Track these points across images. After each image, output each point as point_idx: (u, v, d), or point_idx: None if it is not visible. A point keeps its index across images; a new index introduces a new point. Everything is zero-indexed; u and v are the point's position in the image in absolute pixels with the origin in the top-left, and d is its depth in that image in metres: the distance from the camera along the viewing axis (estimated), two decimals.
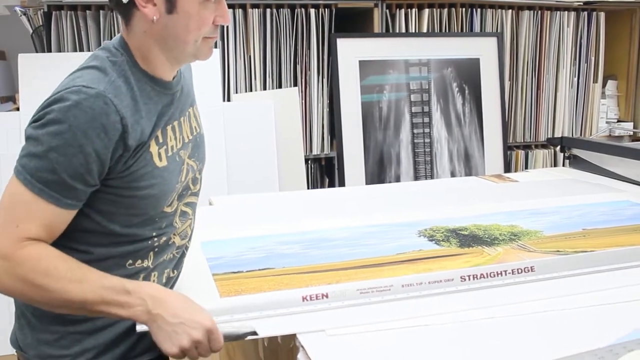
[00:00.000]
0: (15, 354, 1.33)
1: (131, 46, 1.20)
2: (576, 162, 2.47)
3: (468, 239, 1.61)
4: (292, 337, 1.09)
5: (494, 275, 1.28)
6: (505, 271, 1.29)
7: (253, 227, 1.76)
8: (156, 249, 1.26)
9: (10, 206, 1.11)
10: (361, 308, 1.19)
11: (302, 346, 1.04)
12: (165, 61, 1.22)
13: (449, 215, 1.83)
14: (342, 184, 3.13)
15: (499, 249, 1.53)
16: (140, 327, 1.10)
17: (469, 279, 1.27)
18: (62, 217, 1.12)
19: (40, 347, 1.24)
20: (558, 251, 1.49)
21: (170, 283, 1.33)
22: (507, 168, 3.43)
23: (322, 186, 3.25)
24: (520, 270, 1.30)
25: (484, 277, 1.28)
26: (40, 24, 2.93)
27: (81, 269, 1.11)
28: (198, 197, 1.39)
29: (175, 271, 1.34)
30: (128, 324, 1.23)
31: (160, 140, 1.21)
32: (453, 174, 3.32)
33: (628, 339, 1.01)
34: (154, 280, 1.28)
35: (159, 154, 1.21)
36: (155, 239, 1.25)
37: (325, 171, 3.29)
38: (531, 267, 1.31)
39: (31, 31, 3.00)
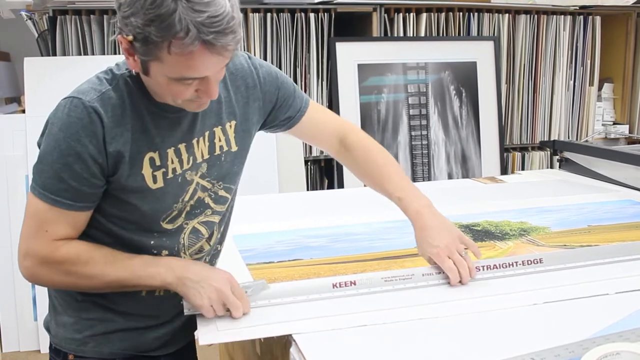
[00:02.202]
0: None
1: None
2: (568, 165, 2.53)
3: (481, 234, 1.71)
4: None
5: (506, 267, 1.38)
6: (516, 262, 1.38)
7: (278, 222, 1.86)
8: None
9: (34, 217, 1.21)
10: (386, 294, 1.29)
11: (294, 340, 1.10)
12: None
13: (462, 212, 1.93)
14: (341, 185, 3.19)
15: (510, 243, 1.63)
16: (187, 311, 1.20)
17: (483, 270, 1.36)
18: (81, 217, 1.22)
19: (59, 329, 1.34)
20: (564, 245, 1.59)
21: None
22: (504, 170, 3.49)
23: (322, 188, 3.30)
24: (529, 262, 1.39)
25: (496, 267, 1.37)
26: (46, 28, 2.99)
27: (112, 253, 1.23)
28: (224, 216, 1.39)
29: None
30: (139, 324, 1.32)
31: (157, 163, 1.23)
32: (450, 176, 3.38)
33: (602, 334, 1.07)
34: (159, 292, 1.32)
35: (154, 176, 1.23)
36: (154, 250, 1.28)
37: (324, 173, 3.35)
38: (539, 259, 1.40)
39: (36, 35, 3.06)
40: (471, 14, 3.42)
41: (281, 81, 1.41)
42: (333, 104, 3.19)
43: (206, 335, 1.14)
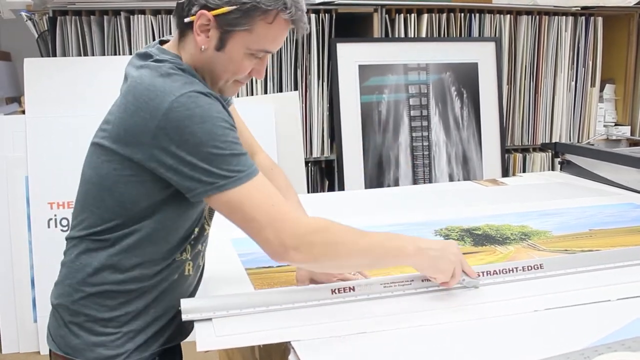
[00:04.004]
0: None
1: (184, 60, 1.26)
2: (569, 167, 2.52)
3: (481, 238, 1.70)
4: None
5: (506, 272, 1.37)
6: (516, 268, 1.37)
7: None
8: (192, 241, 1.32)
9: (260, 203, 1.18)
10: (385, 300, 1.29)
11: (292, 347, 1.09)
12: None
13: (462, 215, 1.92)
14: (341, 186, 3.18)
15: (511, 248, 1.62)
16: (185, 316, 1.20)
17: (483, 275, 1.35)
18: (267, 180, 1.22)
19: (90, 351, 1.30)
20: (566, 250, 1.58)
21: (198, 272, 1.41)
22: (505, 171, 3.48)
23: (322, 189, 3.30)
24: (530, 268, 1.38)
25: (496, 273, 1.36)
26: (46, 28, 2.98)
27: (353, 227, 1.26)
28: None
29: (202, 260, 1.42)
30: (171, 314, 1.32)
31: None
32: (451, 177, 3.37)
33: (604, 342, 1.06)
34: (189, 270, 1.35)
35: None
36: (195, 230, 1.32)
37: (325, 174, 3.34)
38: (540, 265, 1.39)
39: (37, 36, 3.06)
40: (472, 14, 3.41)
41: None
42: (334, 104, 3.18)
43: (204, 342, 1.13)
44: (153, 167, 1.19)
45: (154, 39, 2.34)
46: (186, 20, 1.24)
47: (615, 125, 3.87)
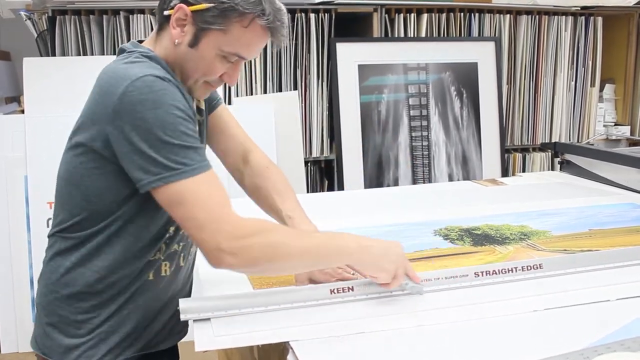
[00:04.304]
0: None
1: (157, 53, 1.27)
2: (569, 167, 2.52)
3: (481, 238, 1.70)
4: None
5: (505, 272, 1.36)
6: (516, 268, 1.37)
7: None
8: (167, 241, 1.31)
9: (201, 199, 1.14)
10: (384, 300, 1.28)
11: (291, 348, 1.09)
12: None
13: (462, 215, 1.92)
14: (341, 186, 3.18)
15: (510, 248, 1.62)
16: (184, 316, 1.19)
17: (483, 275, 1.35)
18: (217, 176, 1.19)
19: (68, 354, 1.29)
20: (565, 250, 1.58)
21: (181, 273, 1.39)
22: (505, 171, 3.48)
23: (322, 188, 3.30)
24: (529, 268, 1.38)
25: (496, 273, 1.36)
26: (45, 28, 2.98)
27: (287, 227, 1.29)
28: None
29: (185, 261, 1.39)
30: (149, 315, 1.31)
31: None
32: (451, 177, 3.37)
33: (604, 342, 1.05)
34: (165, 271, 1.33)
35: None
36: (167, 235, 1.30)
37: (324, 173, 3.34)
38: (539, 265, 1.39)
39: (36, 35, 3.05)
40: (472, 14, 3.40)
41: None
42: (333, 104, 3.18)
43: (203, 342, 1.13)
44: (111, 156, 1.18)
45: None
46: (165, 12, 1.24)
47: (615, 125, 3.87)
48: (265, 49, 3.07)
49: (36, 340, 1.34)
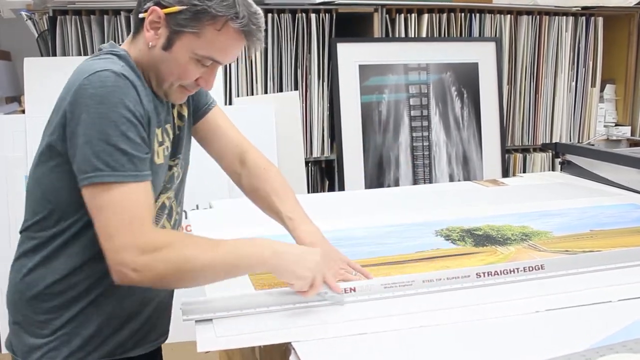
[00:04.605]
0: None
1: (132, 55, 1.27)
2: (569, 167, 2.52)
3: (482, 239, 1.70)
4: None
5: (507, 273, 1.37)
6: (518, 269, 1.37)
7: (278, 226, 1.84)
8: None
9: (113, 207, 1.12)
10: (385, 301, 1.28)
11: (293, 348, 1.09)
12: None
13: (463, 216, 1.92)
14: (341, 186, 3.18)
15: (511, 249, 1.62)
16: (186, 317, 1.19)
17: (484, 276, 1.35)
18: (148, 189, 1.17)
19: (32, 354, 1.28)
20: (567, 251, 1.58)
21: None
22: (505, 171, 3.47)
23: (322, 189, 3.29)
24: (531, 268, 1.38)
25: (497, 274, 1.36)
26: (46, 28, 2.98)
27: (201, 238, 1.22)
28: (178, 192, 1.44)
29: None
30: (115, 322, 1.30)
31: (160, 139, 1.28)
32: (451, 178, 3.37)
33: (606, 343, 1.05)
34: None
35: (158, 152, 1.27)
36: None
37: (325, 174, 3.34)
38: (541, 266, 1.39)
39: (36, 35, 3.05)
40: (473, 14, 3.40)
41: None
42: (334, 104, 3.18)
43: (205, 342, 1.13)
44: (65, 152, 1.17)
45: None
46: (140, 15, 1.24)
47: (616, 125, 3.86)
48: (265, 48, 3.07)
49: (10, 340, 1.34)
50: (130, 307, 1.34)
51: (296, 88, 3.14)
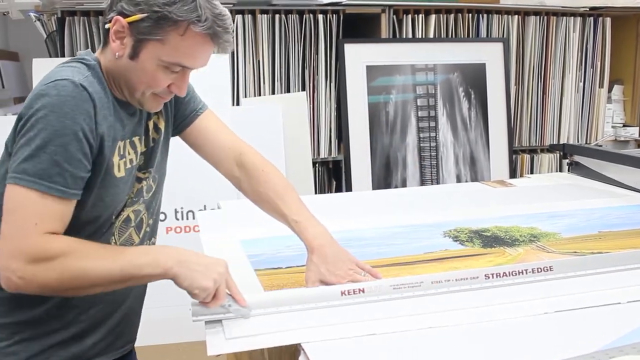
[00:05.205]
0: None
1: (103, 64, 1.26)
2: (578, 168, 2.51)
3: (490, 240, 1.70)
4: None
5: (516, 274, 1.36)
6: (526, 270, 1.37)
7: (282, 226, 1.84)
8: None
9: (20, 210, 1.12)
10: (394, 302, 1.28)
11: (302, 349, 1.09)
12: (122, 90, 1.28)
13: (471, 217, 1.92)
14: (349, 187, 3.18)
15: (520, 250, 1.61)
16: (195, 318, 1.18)
17: (493, 277, 1.35)
18: (70, 208, 1.16)
19: None
20: (575, 252, 1.58)
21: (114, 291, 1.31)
22: (513, 172, 3.47)
23: (330, 189, 3.30)
24: (539, 270, 1.38)
25: (506, 275, 1.36)
26: (54, 29, 2.99)
27: (104, 247, 1.19)
28: (151, 204, 1.41)
29: None
30: (77, 330, 1.30)
31: (122, 152, 1.27)
32: (459, 178, 3.37)
33: (616, 345, 1.05)
34: None
35: (119, 165, 1.26)
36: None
37: (332, 174, 3.34)
38: (550, 267, 1.38)
39: (45, 36, 3.06)
40: (480, 15, 3.40)
41: None
42: (341, 105, 3.18)
43: (215, 345, 1.13)
44: (13, 153, 1.16)
45: None
46: (106, 25, 1.23)
47: (624, 126, 3.85)
48: (272, 49, 3.08)
49: None
50: (95, 316, 1.33)
51: (303, 89, 3.14)
